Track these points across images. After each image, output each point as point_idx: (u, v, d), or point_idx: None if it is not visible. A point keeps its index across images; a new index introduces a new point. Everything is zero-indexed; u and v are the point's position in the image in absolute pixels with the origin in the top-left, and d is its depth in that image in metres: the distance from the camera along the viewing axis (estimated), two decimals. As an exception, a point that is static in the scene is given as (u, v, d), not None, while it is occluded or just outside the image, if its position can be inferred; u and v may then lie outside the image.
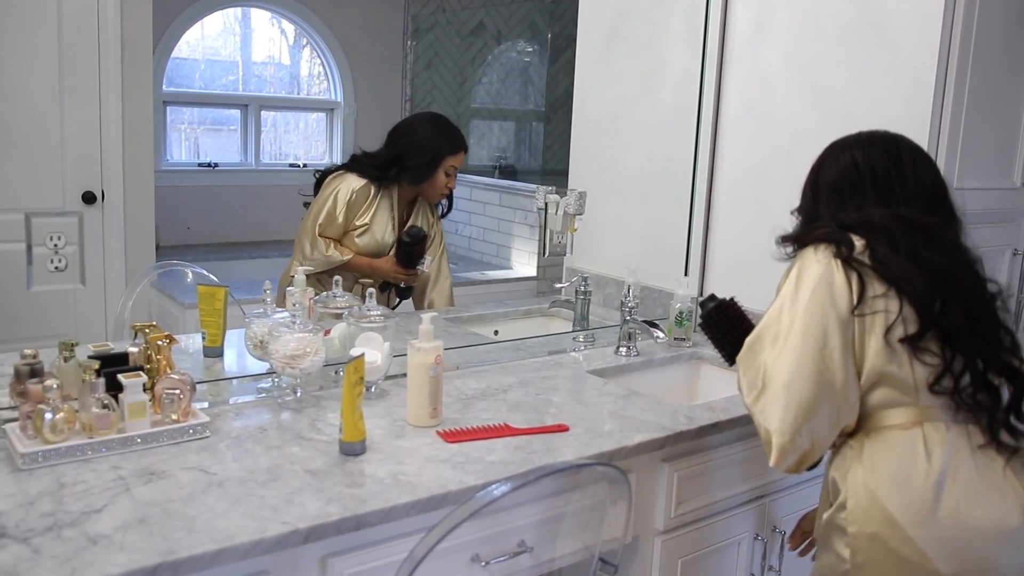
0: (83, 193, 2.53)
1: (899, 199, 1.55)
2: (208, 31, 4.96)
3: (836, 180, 1.61)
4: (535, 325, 2.67)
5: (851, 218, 1.55)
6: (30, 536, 1.18)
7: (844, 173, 1.60)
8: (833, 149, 1.66)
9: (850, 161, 1.61)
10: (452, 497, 1.41)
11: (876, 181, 1.57)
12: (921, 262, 1.46)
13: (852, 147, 1.62)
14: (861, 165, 1.59)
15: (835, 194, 1.61)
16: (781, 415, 1.45)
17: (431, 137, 2.53)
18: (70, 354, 1.52)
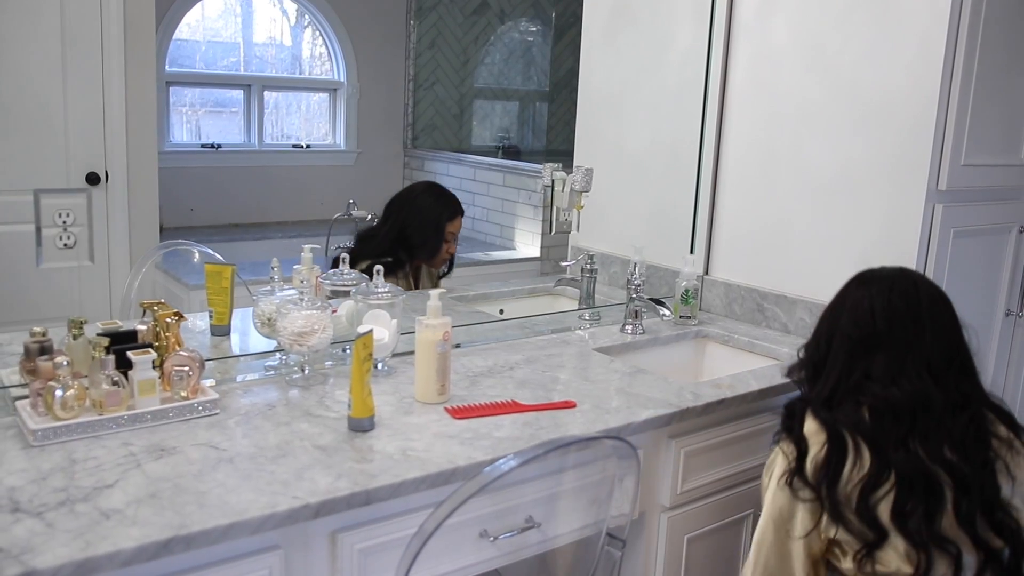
0: (87, 174, 2.53)
1: (915, 358, 1.52)
2: (209, 12, 4.93)
3: (851, 334, 1.57)
4: (541, 304, 2.68)
5: (850, 387, 1.54)
6: (44, 511, 1.18)
7: (861, 327, 1.56)
8: (854, 292, 1.61)
9: (868, 313, 1.56)
10: (461, 472, 1.41)
11: (893, 337, 1.53)
12: (911, 463, 1.46)
13: (872, 294, 1.57)
14: (879, 319, 1.55)
15: (846, 348, 1.57)
16: None
17: (429, 208, 2.59)
18: (79, 332, 1.53)
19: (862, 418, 1.50)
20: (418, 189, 2.91)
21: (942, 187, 2.09)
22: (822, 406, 1.55)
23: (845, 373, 1.56)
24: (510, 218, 4.01)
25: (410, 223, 2.55)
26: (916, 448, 1.46)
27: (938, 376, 1.51)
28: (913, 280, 1.59)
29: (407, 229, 2.54)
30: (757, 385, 1.93)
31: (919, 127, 2.08)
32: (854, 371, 1.55)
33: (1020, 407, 2.62)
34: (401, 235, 2.53)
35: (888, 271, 1.61)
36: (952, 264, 2.18)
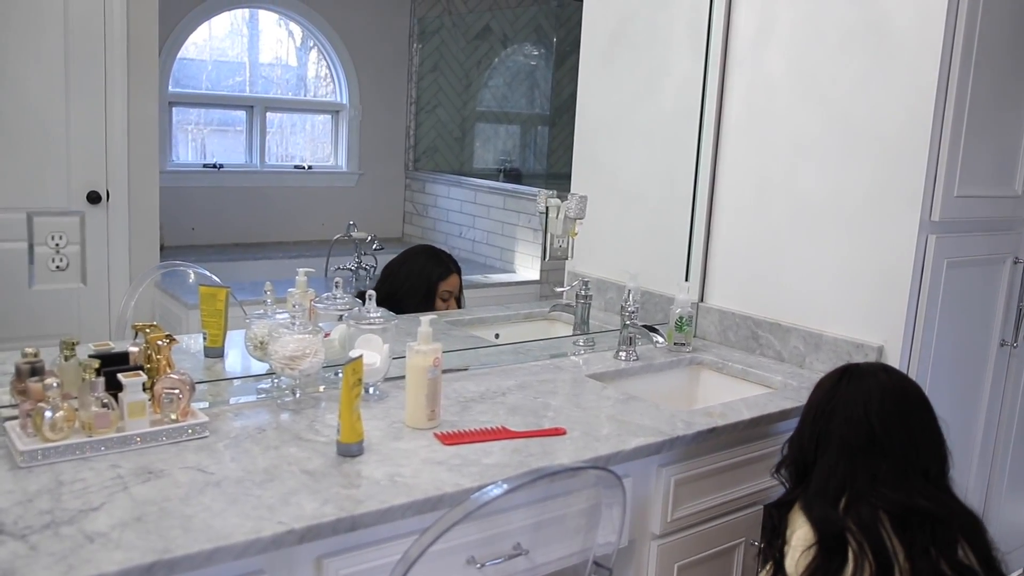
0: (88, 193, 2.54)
1: (914, 465, 1.53)
2: (216, 32, 4.98)
3: (849, 438, 1.55)
4: (536, 329, 2.68)
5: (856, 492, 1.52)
6: (28, 533, 1.19)
7: (859, 432, 1.54)
8: (844, 392, 1.59)
9: (863, 417, 1.55)
10: (448, 499, 1.41)
11: (892, 442, 1.53)
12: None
13: (866, 398, 1.56)
14: (876, 424, 1.54)
15: (846, 452, 1.55)
16: None
17: (420, 268, 2.65)
18: (71, 353, 1.53)
19: (880, 523, 1.47)
20: (412, 252, 2.94)
21: (935, 218, 2.10)
22: (816, 504, 1.53)
23: (849, 477, 1.53)
24: (510, 241, 4.03)
25: (402, 286, 2.58)
26: (938, 557, 1.46)
27: (938, 482, 1.53)
28: (900, 382, 1.60)
29: (399, 292, 2.55)
30: (749, 414, 1.93)
31: (912, 158, 2.09)
32: (858, 475, 1.52)
33: (1017, 438, 2.61)
34: (393, 298, 2.46)
35: (872, 368, 1.61)
36: (946, 294, 2.18)
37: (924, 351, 2.17)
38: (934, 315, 2.17)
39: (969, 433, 2.44)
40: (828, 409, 1.59)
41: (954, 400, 2.33)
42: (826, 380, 1.65)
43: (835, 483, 1.53)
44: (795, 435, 1.65)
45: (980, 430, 2.46)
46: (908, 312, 2.13)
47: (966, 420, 2.41)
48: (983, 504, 2.53)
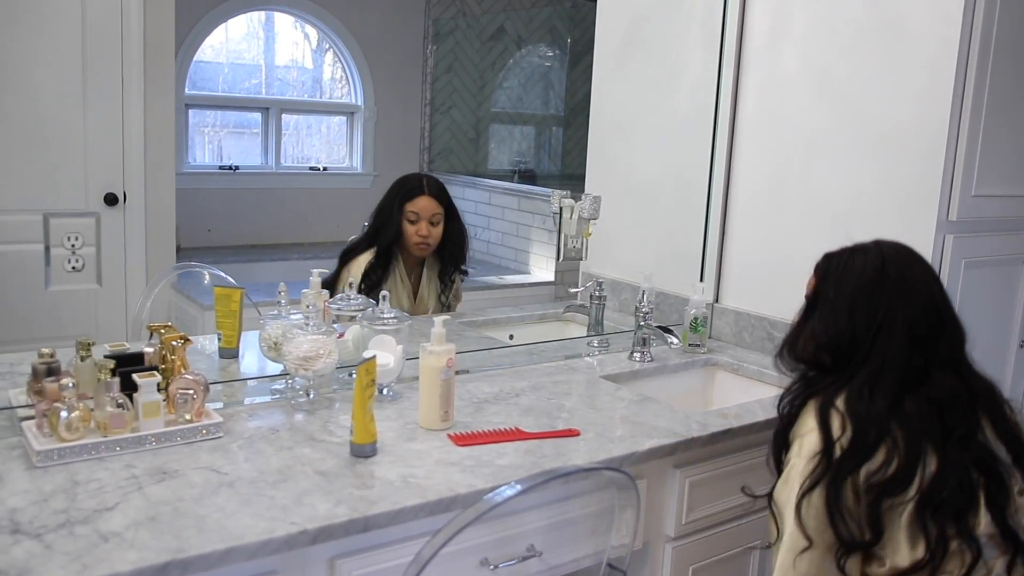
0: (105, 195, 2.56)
1: (961, 352, 1.50)
2: (232, 34, 5.01)
3: (916, 322, 1.47)
4: (550, 329, 2.68)
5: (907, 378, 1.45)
6: (43, 532, 1.19)
7: (927, 318, 1.48)
8: (905, 272, 1.51)
9: (931, 305, 1.49)
10: (461, 500, 1.41)
11: (949, 324, 1.49)
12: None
13: (927, 279, 1.51)
14: (944, 316, 1.48)
15: (909, 339, 1.46)
16: None
17: (389, 193, 2.55)
18: (87, 353, 1.54)
19: (926, 413, 1.42)
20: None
21: (952, 217, 2.08)
22: (857, 397, 1.44)
23: (907, 366, 1.45)
24: (525, 242, 4.03)
25: (376, 216, 2.53)
26: (982, 440, 1.43)
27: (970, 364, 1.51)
28: (929, 267, 1.56)
29: (375, 218, 2.52)
30: (764, 415, 1.92)
31: (929, 157, 2.07)
32: (914, 363, 1.45)
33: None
34: (372, 225, 2.52)
35: (901, 248, 1.55)
36: (964, 295, 2.16)
37: (942, 352, 2.15)
38: (952, 316, 2.15)
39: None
40: (883, 294, 1.48)
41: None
42: (857, 264, 1.53)
43: (894, 372, 1.45)
44: (825, 323, 1.53)
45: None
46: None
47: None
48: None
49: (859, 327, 1.49)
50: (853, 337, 1.49)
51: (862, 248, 1.56)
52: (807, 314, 1.59)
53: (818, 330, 1.54)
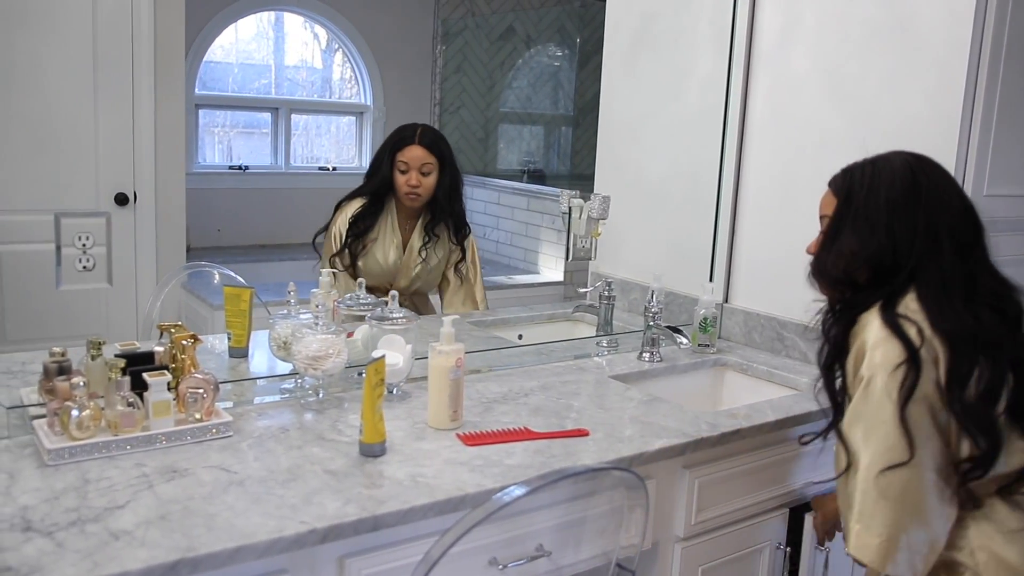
0: (116, 195, 2.58)
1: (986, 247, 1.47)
2: (242, 35, 5.02)
3: (959, 231, 1.43)
4: (559, 329, 2.68)
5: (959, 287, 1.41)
6: (54, 530, 1.20)
7: (967, 227, 1.45)
8: (939, 183, 1.47)
9: (970, 213, 1.46)
10: (470, 499, 1.41)
11: (982, 233, 1.47)
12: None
13: (959, 193, 1.48)
14: (980, 224, 1.45)
15: (958, 249, 1.43)
16: None
17: (384, 142, 2.54)
18: (97, 352, 1.55)
19: (989, 319, 1.40)
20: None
21: (964, 218, 2.07)
22: (938, 312, 1.39)
23: (966, 275, 1.41)
24: (534, 242, 4.03)
25: (371, 162, 2.54)
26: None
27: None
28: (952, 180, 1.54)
29: (368, 168, 2.54)
30: (774, 416, 1.91)
31: (940, 157, 2.02)
32: (964, 270, 1.42)
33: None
34: (365, 177, 2.54)
35: (926, 156, 1.52)
36: (975, 295, 2.15)
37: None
38: (963, 316, 2.14)
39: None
40: (920, 204, 1.43)
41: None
42: (885, 175, 1.48)
43: (956, 283, 1.40)
44: (861, 238, 1.46)
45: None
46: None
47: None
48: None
49: (900, 239, 1.43)
50: (895, 251, 1.43)
51: (883, 158, 1.51)
52: (832, 233, 1.52)
53: (852, 246, 1.47)
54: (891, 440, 1.36)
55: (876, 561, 1.38)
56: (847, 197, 1.51)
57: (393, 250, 2.49)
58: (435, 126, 4.81)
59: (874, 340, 1.40)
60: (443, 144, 2.51)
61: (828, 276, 1.52)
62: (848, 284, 1.50)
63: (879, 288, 1.45)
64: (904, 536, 1.36)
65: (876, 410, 1.37)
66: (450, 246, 2.55)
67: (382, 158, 2.49)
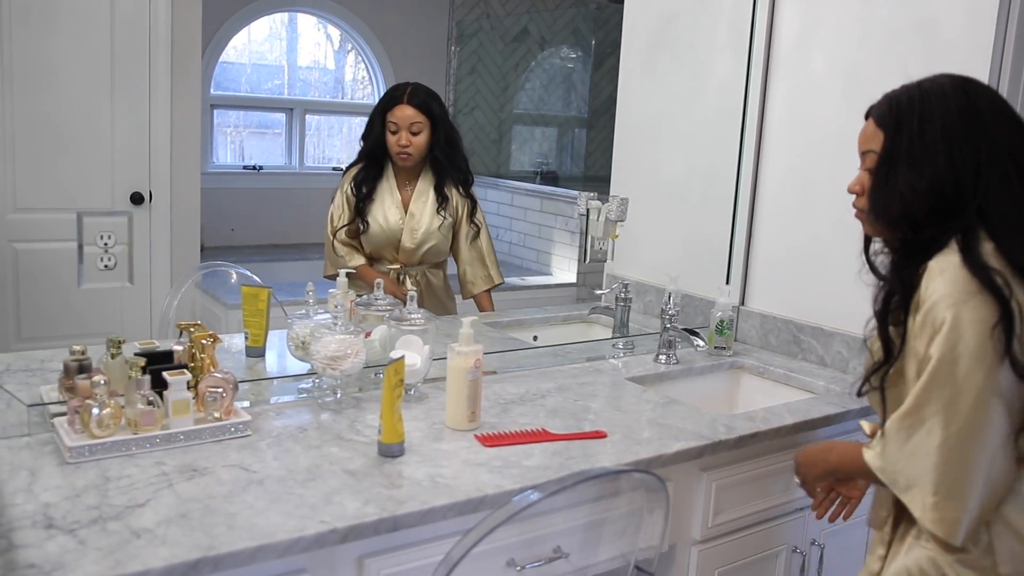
0: (131, 194, 2.59)
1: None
2: (255, 36, 5.04)
3: (1017, 146, 1.32)
4: (575, 331, 2.67)
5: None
6: (76, 528, 1.20)
7: (1020, 143, 1.32)
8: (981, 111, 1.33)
9: (1018, 122, 1.33)
10: (489, 501, 1.41)
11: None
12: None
13: (1003, 109, 1.35)
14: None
15: (1018, 169, 1.31)
16: None
17: (376, 105, 2.53)
18: (117, 351, 1.55)
19: None
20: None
21: (984, 221, 2.06)
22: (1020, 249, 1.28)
23: (1017, 203, 1.30)
24: (547, 243, 4.03)
25: (366, 125, 2.54)
26: None
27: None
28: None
29: (364, 131, 2.54)
30: (791, 419, 1.90)
31: (961, 160, 2.05)
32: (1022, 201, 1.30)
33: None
34: (361, 140, 2.55)
35: (973, 78, 1.41)
36: (994, 300, 2.14)
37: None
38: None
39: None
40: (980, 126, 1.31)
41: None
42: (936, 99, 1.35)
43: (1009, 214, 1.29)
44: (919, 171, 1.33)
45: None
46: None
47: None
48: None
49: (963, 169, 1.30)
50: (958, 183, 1.30)
51: (930, 81, 1.39)
52: (884, 169, 1.37)
53: (911, 181, 1.33)
54: (982, 410, 1.24)
55: (954, 536, 1.28)
56: (896, 127, 1.36)
57: (394, 211, 2.49)
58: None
59: (960, 293, 1.26)
60: (434, 102, 2.49)
61: (887, 216, 1.38)
62: (909, 223, 1.35)
63: (943, 225, 1.31)
64: (980, 509, 1.28)
65: (966, 375, 1.24)
66: (459, 201, 2.55)
67: (374, 119, 2.49)
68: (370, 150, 2.50)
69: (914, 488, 1.30)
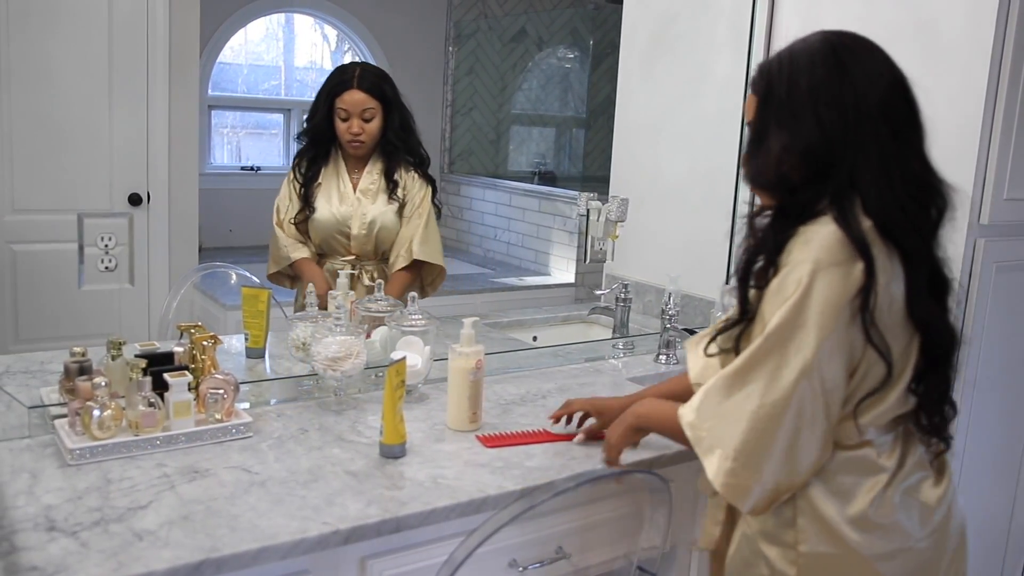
0: (129, 195, 2.58)
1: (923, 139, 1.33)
2: (252, 36, 5.03)
3: (889, 101, 1.28)
4: (574, 331, 2.67)
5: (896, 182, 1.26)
6: (78, 530, 1.20)
7: (895, 95, 1.29)
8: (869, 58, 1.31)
9: (894, 76, 1.29)
10: (491, 502, 1.41)
11: (916, 113, 1.31)
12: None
13: (876, 55, 1.31)
14: (916, 108, 1.30)
15: (888, 125, 1.26)
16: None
17: (323, 85, 2.34)
18: (118, 352, 1.55)
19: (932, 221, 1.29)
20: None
21: (984, 221, 2.06)
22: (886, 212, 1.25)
23: (899, 160, 1.27)
24: (545, 244, 4.02)
25: (310, 108, 2.36)
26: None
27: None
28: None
29: (307, 115, 2.37)
30: (792, 419, 1.90)
31: (960, 161, 2.05)
32: (897, 155, 1.28)
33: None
34: (305, 121, 2.39)
35: (849, 31, 1.38)
36: (995, 299, 2.14)
37: (972, 357, 2.13)
38: (983, 320, 2.13)
39: (1020, 442, 2.39)
40: (845, 79, 1.28)
41: (1004, 408, 2.29)
42: (802, 58, 1.32)
43: (897, 174, 1.26)
44: (790, 133, 1.29)
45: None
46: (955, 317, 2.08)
47: (1016, 429, 2.36)
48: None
49: (831, 126, 1.26)
50: (828, 139, 1.26)
51: (800, 41, 1.35)
52: (757, 135, 1.34)
53: (782, 142, 1.29)
54: (801, 386, 1.23)
55: (742, 502, 1.29)
56: (767, 91, 1.33)
57: (343, 197, 2.33)
58: (447, 128, 4.81)
59: (819, 263, 1.23)
60: (385, 84, 2.33)
61: (762, 181, 1.35)
62: (785, 187, 1.31)
63: (818, 188, 1.27)
64: (775, 483, 1.27)
65: (797, 350, 1.23)
66: (417, 185, 2.37)
67: (319, 103, 2.31)
68: (316, 135, 2.33)
69: (716, 450, 1.29)
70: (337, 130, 2.30)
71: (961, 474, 2.21)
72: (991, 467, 2.31)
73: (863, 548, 1.28)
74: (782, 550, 1.32)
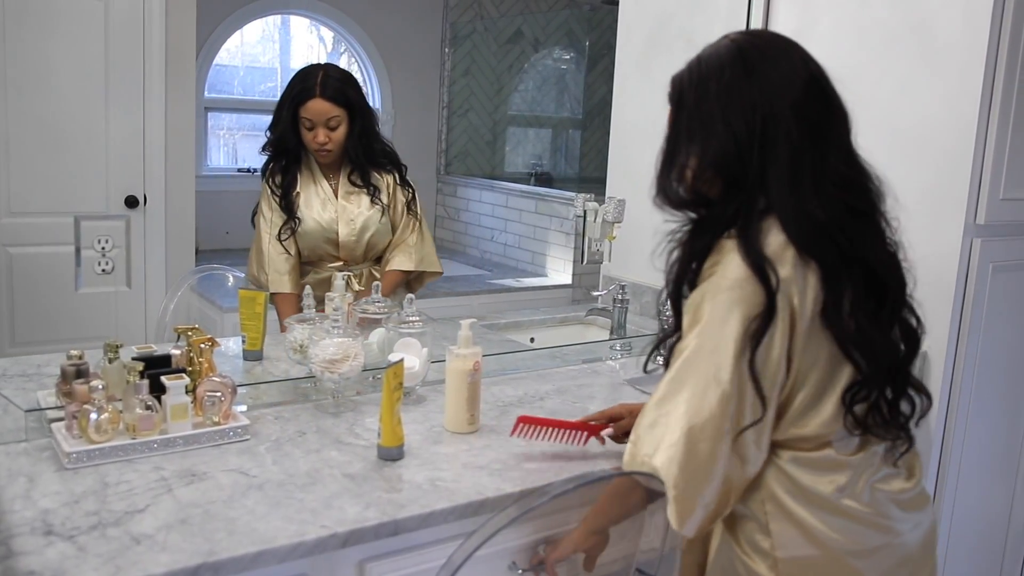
0: (126, 197, 2.57)
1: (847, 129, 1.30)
2: (248, 38, 5.02)
3: (801, 102, 1.23)
4: (572, 333, 2.67)
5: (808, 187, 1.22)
6: (76, 534, 1.19)
7: (809, 91, 1.24)
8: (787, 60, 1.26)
9: (807, 73, 1.25)
10: (490, 504, 1.41)
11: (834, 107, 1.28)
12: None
13: (809, 64, 1.27)
14: (821, 78, 1.25)
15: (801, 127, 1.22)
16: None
17: (284, 92, 2.29)
18: (115, 355, 1.54)
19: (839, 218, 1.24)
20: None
21: (980, 221, 2.07)
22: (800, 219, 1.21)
23: (810, 162, 1.22)
24: (542, 245, 4.02)
25: (272, 116, 2.29)
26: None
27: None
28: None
29: (270, 125, 2.30)
30: (790, 420, 1.90)
31: (957, 161, 2.05)
32: (817, 156, 1.24)
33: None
34: (270, 134, 2.30)
35: (761, 29, 1.41)
36: (992, 299, 2.14)
37: (969, 358, 2.13)
38: (980, 320, 2.13)
39: (1018, 442, 2.39)
40: (753, 82, 1.23)
41: (1001, 409, 2.29)
42: (711, 63, 1.27)
43: (809, 178, 1.22)
44: (701, 143, 1.26)
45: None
46: (952, 318, 2.09)
47: (1014, 429, 2.36)
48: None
49: (740, 131, 1.22)
50: (738, 147, 1.22)
51: (711, 46, 1.30)
52: (669, 147, 1.33)
53: (693, 154, 1.27)
54: (725, 404, 1.21)
55: (685, 528, 1.26)
56: (679, 102, 1.30)
57: (325, 203, 2.29)
58: (443, 130, 4.80)
59: (727, 281, 1.22)
60: (350, 88, 2.25)
61: (673, 197, 1.32)
62: (700, 203, 1.29)
63: (733, 199, 1.24)
64: (717, 503, 1.25)
65: (718, 369, 1.21)
66: (395, 190, 2.33)
67: (282, 111, 2.24)
68: (282, 144, 2.28)
69: (648, 444, 1.27)
70: (303, 139, 2.25)
71: (959, 474, 2.21)
72: (988, 467, 2.32)
73: (840, 545, 1.28)
74: (760, 557, 1.32)
